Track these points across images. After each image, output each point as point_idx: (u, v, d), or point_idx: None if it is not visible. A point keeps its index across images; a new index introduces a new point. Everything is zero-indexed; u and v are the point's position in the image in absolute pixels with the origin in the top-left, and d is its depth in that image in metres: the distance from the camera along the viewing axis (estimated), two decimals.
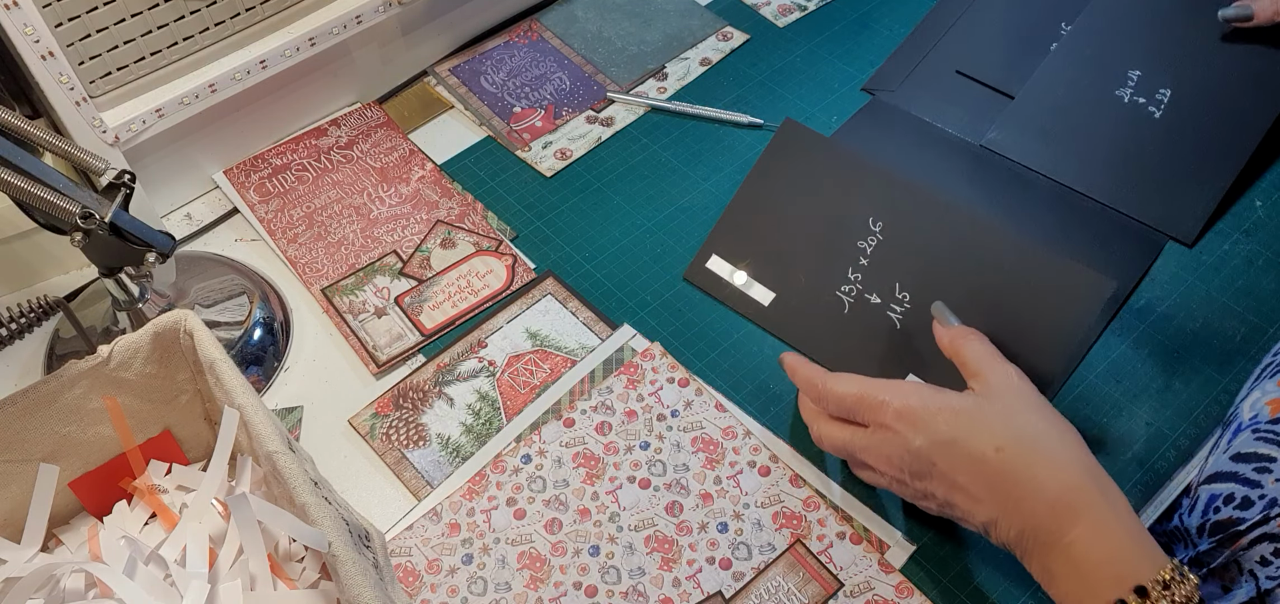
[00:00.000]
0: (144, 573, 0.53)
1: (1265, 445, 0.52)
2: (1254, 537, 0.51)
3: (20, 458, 0.55)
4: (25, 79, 0.66)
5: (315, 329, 0.72)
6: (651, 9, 0.95)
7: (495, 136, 0.84)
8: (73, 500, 0.58)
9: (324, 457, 0.65)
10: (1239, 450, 0.53)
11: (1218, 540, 0.53)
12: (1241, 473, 0.53)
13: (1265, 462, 0.52)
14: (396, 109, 0.87)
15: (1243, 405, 0.57)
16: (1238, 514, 0.52)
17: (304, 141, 0.84)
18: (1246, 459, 0.53)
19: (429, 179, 0.81)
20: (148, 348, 0.56)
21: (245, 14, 0.75)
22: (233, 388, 0.53)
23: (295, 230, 0.77)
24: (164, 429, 0.59)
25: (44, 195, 0.57)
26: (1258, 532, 0.51)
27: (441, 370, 0.69)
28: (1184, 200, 0.74)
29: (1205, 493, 0.54)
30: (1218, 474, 0.54)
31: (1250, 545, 0.51)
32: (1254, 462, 0.52)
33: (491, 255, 0.75)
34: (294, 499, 0.49)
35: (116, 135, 0.71)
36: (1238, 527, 0.52)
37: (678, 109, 0.84)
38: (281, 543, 0.55)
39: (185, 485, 0.59)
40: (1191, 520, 0.55)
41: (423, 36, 0.88)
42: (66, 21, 0.67)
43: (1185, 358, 0.67)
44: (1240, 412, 0.56)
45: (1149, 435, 0.64)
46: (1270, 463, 0.52)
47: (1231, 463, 0.53)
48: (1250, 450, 0.53)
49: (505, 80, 0.89)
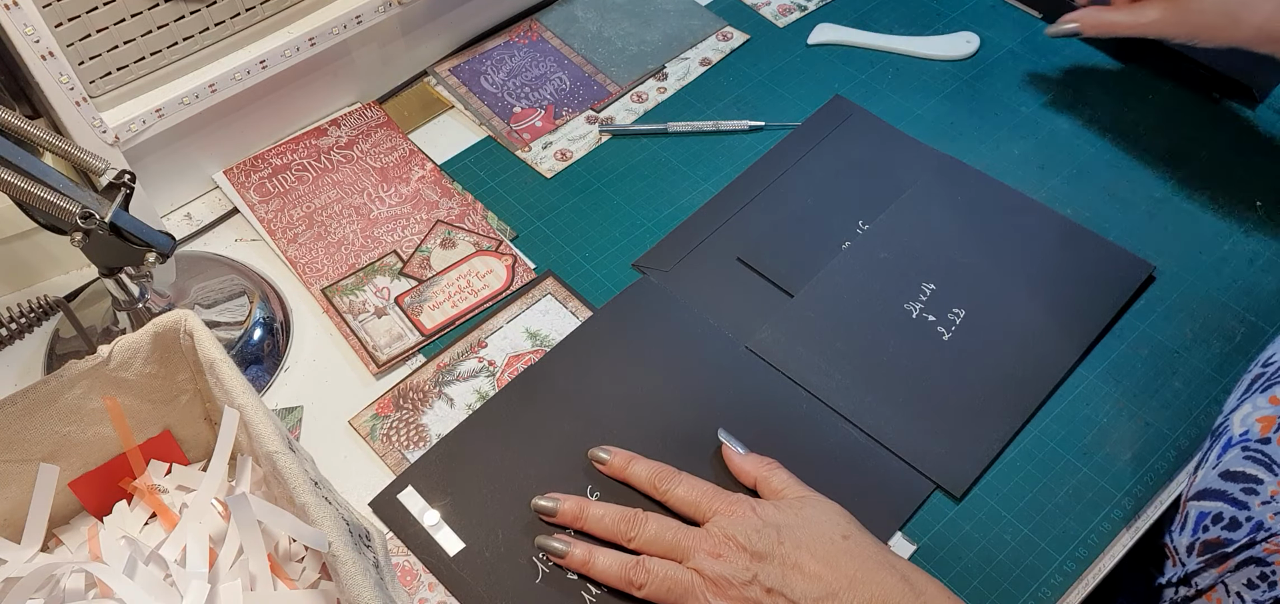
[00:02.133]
0: (144, 573, 0.53)
1: (1254, 465, 0.52)
2: (1240, 560, 0.51)
3: (20, 458, 0.55)
4: (25, 79, 0.66)
5: (315, 329, 0.72)
6: (651, 9, 0.95)
7: (495, 137, 0.84)
8: (73, 500, 0.58)
9: (324, 457, 0.65)
10: (1228, 468, 0.53)
11: (1206, 561, 0.53)
12: (1230, 492, 0.53)
13: (1253, 482, 0.52)
14: (396, 109, 0.87)
15: (1233, 418, 0.56)
16: (1225, 535, 0.52)
17: (304, 141, 0.84)
18: (1234, 478, 0.53)
19: (429, 179, 0.81)
20: (148, 348, 0.56)
21: (245, 14, 0.75)
22: (233, 388, 0.53)
23: (295, 230, 0.77)
24: (164, 429, 0.59)
25: (44, 195, 0.57)
26: (1244, 555, 0.51)
27: (441, 370, 0.69)
28: (960, 446, 0.63)
29: (1194, 510, 0.54)
30: (1206, 491, 0.54)
31: (1237, 568, 0.51)
32: (1242, 481, 0.52)
33: (491, 255, 0.75)
34: (294, 499, 0.49)
35: (116, 135, 0.71)
36: (1225, 548, 0.52)
37: (677, 129, 0.84)
38: (281, 543, 0.56)
39: (185, 485, 0.59)
40: (1180, 539, 0.55)
41: (423, 36, 0.88)
42: (66, 21, 0.67)
43: (1184, 358, 0.67)
44: (1230, 425, 0.56)
45: (1148, 436, 0.64)
46: (1258, 484, 0.52)
47: (1220, 480, 0.53)
48: (1239, 469, 0.53)
49: (505, 80, 0.89)
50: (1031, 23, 0.92)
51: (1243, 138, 0.81)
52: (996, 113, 0.84)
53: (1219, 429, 0.57)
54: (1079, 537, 0.60)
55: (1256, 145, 0.80)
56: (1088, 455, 0.63)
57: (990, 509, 0.61)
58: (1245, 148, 0.80)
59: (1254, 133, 0.81)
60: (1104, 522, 0.60)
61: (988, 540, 0.60)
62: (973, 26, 0.91)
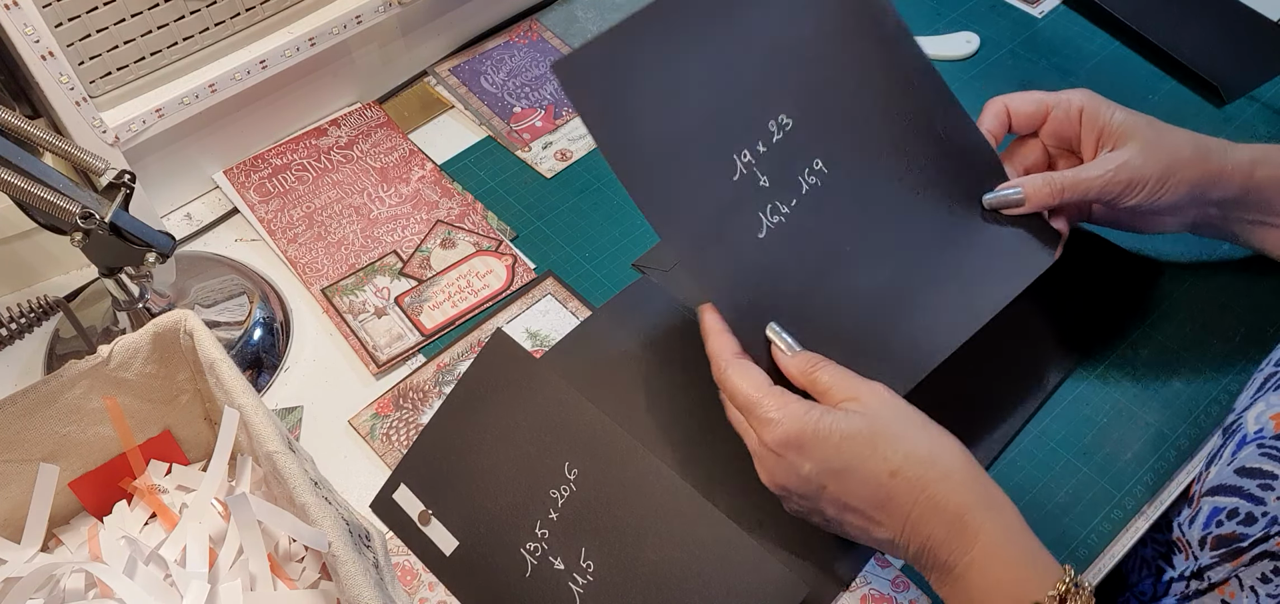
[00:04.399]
0: (144, 573, 0.53)
1: (1270, 462, 0.52)
2: (1255, 554, 0.51)
3: (20, 458, 0.55)
4: (25, 79, 0.66)
5: (315, 329, 0.72)
6: None
7: (495, 136, 0.84)
8: (73, 500, 0.58)
9: (324, 457, 0.65)
10: (1243, 464, 0.53)
11: (1220, 555, 0.53)
12: (1245, 488, 0.53)
13: (1269, 479, 0.52)
14: (396, 109, 0.87)
15: (1247, 416, 0.56)
16: (1240, 529, 0.52)
17: (304, 141, 0.84)
18: (1250, 474, 0.53)
19: (429, 179, 0.81)
20: (148, 348, 0.56)
21: (245, 14, 0.75)
22: (233, 388, 0.53)
23: (295, 230, 0.77)
24: (164, 429, 0.59)
25: (44, 195, 0.57)
26: (1259, 549, 0.51)
27: (442, 371, 0.69)
28: None
29: (1207, 505, 0.54)
30: (1221, 487, 0.54)
31: (1252, 562, 0.52)
32: (1258, 477, 0.52)
33: (491, 255, 0.75)
34: (294, 499, 0.49)
35: (116, 135, 0.71)
36: (1240, 542, 0.52)
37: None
38: (281, 543, 0.56)
39: (185, 485, 0.59)
40: (1192, 532, 0.55)
41: (423, 36, 0.88)
42: (66, 21, 0.67)
43: (1185, 358, 0.67)
44: (1245, 422, 0.56)
45: (1148, 436, 0.64)
46: (1273, 480, 0.51)
47: (1235, 476, 0.53)
48: (1254, 465, 0.53)
49: (505, 80, 0.89)
50: (1031, 22, 0.92)
51: (1243, 138, 0.81)
52: None
53: (1232, 426, 0.57)
54: (1079, 537, 0.60)
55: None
56: (1088, 455, 0.63)
57: None
58: None
59: (1254, 133, 0.81)
60: (1104, 522, 0.60)
61: None
62: (973, 26, 0.91)
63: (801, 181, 0.61)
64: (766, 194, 0.60)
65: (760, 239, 0.60)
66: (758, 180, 0.60)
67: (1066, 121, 0.65)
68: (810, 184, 0.61)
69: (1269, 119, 0.82)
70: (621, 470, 0.60)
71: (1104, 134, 0.63)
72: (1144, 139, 0.62)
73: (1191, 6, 0.90)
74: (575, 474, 0.60)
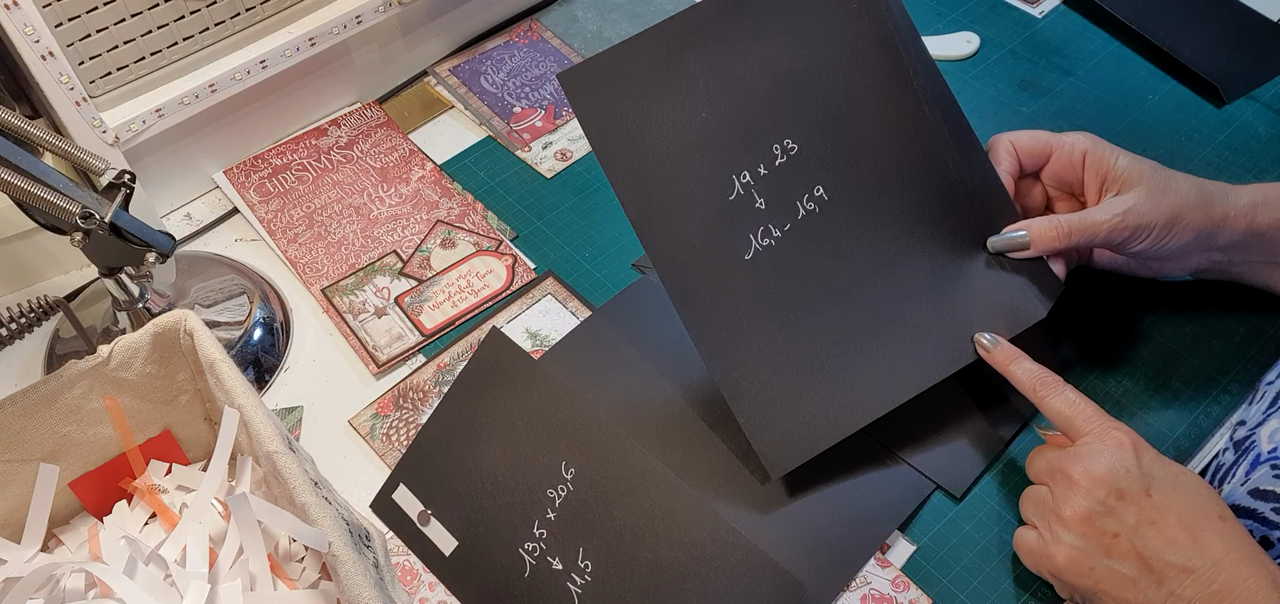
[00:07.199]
0: (144, 573, 0.53)
1: None
2: None
3: (20, 458, 0.55)
4: (25, 79, 0.66)
5: (315, 329, 0.72)
6: (651, 9, 0.95)
7: (495, 136, 0.84)
8: (73, 500, 0.58)
9: (324, 457, 0.65)
10: (1258, 486, 0.53)
11: None
12: (1260, 511, 0.52)
13: None
14: (396, 109, 0.87)
15: (1260, 432, 0.55)
16: None
17: (304, 141, 0.84)
18: (1265, 497, 0.52)
19: (429, 179, 0.81)
20: (148, 348, 0.56)
21: (245, 14, 0.75)
22: (233, 388, 0.53)
23: (295, 230, 0.77)
24: (164, 429, 0.59)
25: (44, 195, 0.57)
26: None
27: (442, 370, 0.69)
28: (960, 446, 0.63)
29: None
30: (1236, 508, 0.53)
31: None
32: (1272, 500, 0.52)
33: (491, 255, 0.75)
34: (294, 499, 0.49)
35: (116, 135, 0.71)
36: None
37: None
38: (281, 543, 0.56)
39: (185, 485, 0.60)
40: None
41: (423, 36, 0.88)
42: (66, 21, 0.67)
43: (1184, 358, 0.67)
44: (1258, 440, 0.55)
45: (1148, 436, 0.63)
46: None
47: (1250, 498, 0.53)
48: (1269, 488, 0.52)
49: (505, 80, 0.89)
50: (1031, 22, 0.92)
51: (1243, 138, 0.81)
52: (996, 112, 0.84)
53: (1245, 443, 0.56)
54: None
55: (1257, 146, 0.80)
56: None
57: (990, 509, 0.61)
58: (1246, 148, 0.80)
59: (1254, 133, 0.81)
60: None
61: (988, 540, 0.60)
62: (973, 26, 0.91)
63: (799, 207, 0.61)
64: (761, 216, 0.60)
65: (747, 260, 0.60)
66: (754, 202, 0.60)
67: (1069, 165, 0.64)
68: (808, 209, 0.61)
69: (1269, 119, 0.82)
70: (619, 470, 0.59)
71: (1108, 179, 0.62)
72: (1150, 185, 0.61)
73: (1191, 6, 0.90)
74: (572, 473, 0.60)
